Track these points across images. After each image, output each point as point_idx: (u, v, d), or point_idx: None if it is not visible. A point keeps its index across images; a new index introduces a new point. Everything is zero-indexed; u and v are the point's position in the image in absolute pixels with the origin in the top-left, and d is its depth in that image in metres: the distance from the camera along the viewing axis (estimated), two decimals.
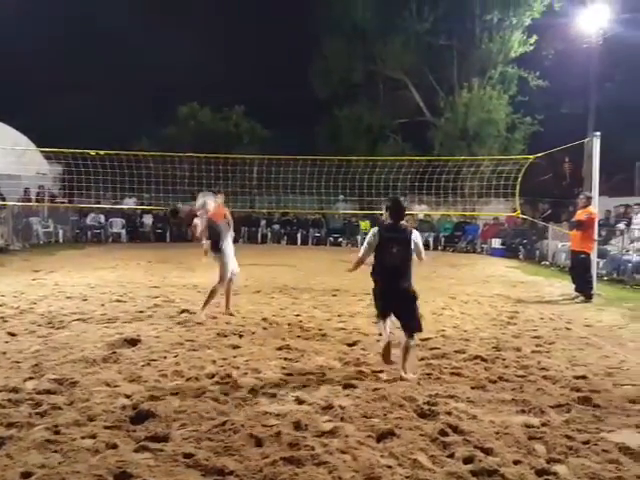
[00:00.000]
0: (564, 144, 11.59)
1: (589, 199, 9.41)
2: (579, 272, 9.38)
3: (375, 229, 5.19)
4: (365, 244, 5.20)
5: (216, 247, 7.17)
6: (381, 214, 5.63)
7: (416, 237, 5.08)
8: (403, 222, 5.13)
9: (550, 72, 22.76)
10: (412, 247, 5.01)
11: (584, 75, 21.29)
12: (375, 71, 25.42)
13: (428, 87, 24.66)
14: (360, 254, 5.21)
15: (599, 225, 10.82)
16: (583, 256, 9.28)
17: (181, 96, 25.98)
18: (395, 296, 5.02)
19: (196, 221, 7.49)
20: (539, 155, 12.50)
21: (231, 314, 7.25)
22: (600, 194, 10.22)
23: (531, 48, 22.60)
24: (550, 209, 18.90)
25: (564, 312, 8.14)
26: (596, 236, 9.64)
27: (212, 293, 7.07)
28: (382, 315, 5.08)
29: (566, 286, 10.14)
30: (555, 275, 12.73)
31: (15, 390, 4.16)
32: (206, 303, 7.01)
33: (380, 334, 5.20)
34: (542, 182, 24.83)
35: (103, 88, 25.63)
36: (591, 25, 20.12)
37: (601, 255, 11.73)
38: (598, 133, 9.98)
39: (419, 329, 5.05)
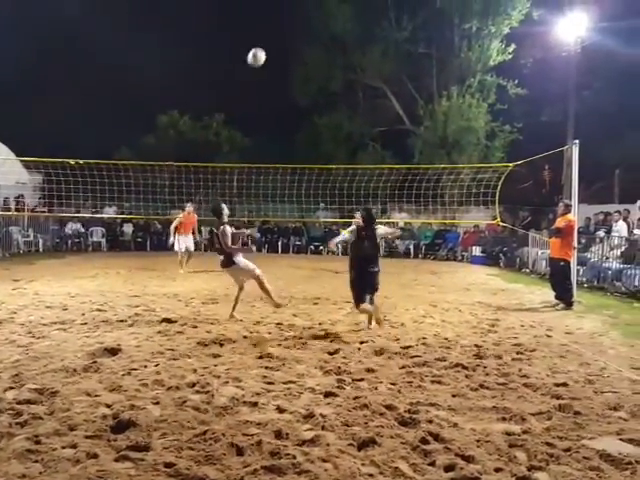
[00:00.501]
0: (543, 152, 11.72)
1: (568, 206, 9.54)
2: (558, 279, 9.49)
3: (354, 227, 7.13)
4: (346, 233, 7.29)
5: (231, 261, 7.34)
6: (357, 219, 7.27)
7: (379, 228, 7.21)
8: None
9: (529, 80, 23.07)
10: (378, 240, 7.16)
11: (563, 83, 21.65)
12: (354, 79, 25.58)
13: (407, 95, 24.86)
14: (341, 237, 7.47)
15: (579, 233, 10.96)
16: (562, 263, 9.39)
17: (160, 105, 25.86)
18: (369, 277, 6.91)
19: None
20: (518, 163, 12.67)
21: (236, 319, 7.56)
22: (580, 201, 10.35)
23: (510, 57, 22.86)
24: (530, 216, 19.11)
25: (545, 319, 8.22)
26: (575, 243, 9.75)
27: (264, 289, 7.47)
28: (362, 300, 6.86)
29: (546, 294, 10.22)
30: (535, 283, 12.86)
31: None
32: (270, 296, 7.57)
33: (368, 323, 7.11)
34: (522, 190, 25.15)
35: (82, 97, 25.39)
36: (569, 34, 20.49)
37: (581, 262, 11.87)
38: (577, 141, 10.12)
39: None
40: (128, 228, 21.02)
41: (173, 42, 26.71)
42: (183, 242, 13.10)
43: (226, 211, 7.54)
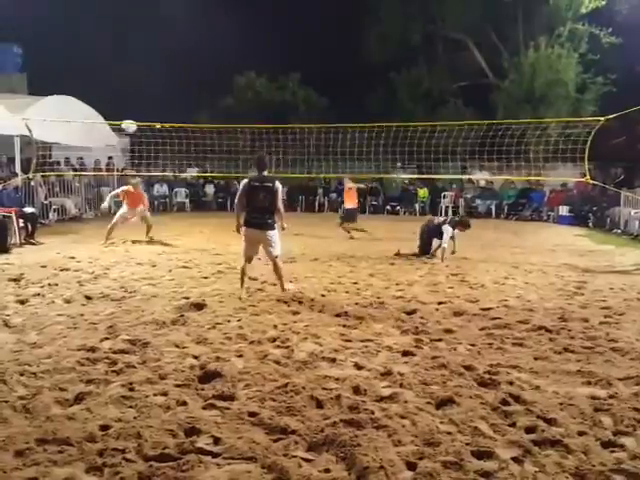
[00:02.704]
0: (639, 104, 10.90)
1: None
2: None
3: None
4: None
5: (272, 224, 6.53)
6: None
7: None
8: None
9: (624, 28, 21.06)
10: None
11: None
12: (434, 32, 24.51)
13: (491, 47, 23.57)
14: None
15: None
16: None
17: (238, 66, 26.08)
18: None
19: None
20: (611, 117, 11.82)
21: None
22: None
23: (603, 3, 21.11)
24: (623, 174, 17.95)
25: (636, 282, 7.77)
26: None
27: (278, 272, 6.67)
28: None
29: (639, 255, 9.67)
30: (627, 244, 12.19)
31: (93, 350, 4.45)
32: (282, 281, 6.68)
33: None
34: (615, 145, 23.53)
35: (163, 63, 25.99)
36: None
37: None
38: None
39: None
40: (210, 189, 21.68)
41: (248, 2, 26.65)
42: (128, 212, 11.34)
43: None
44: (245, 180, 6.66)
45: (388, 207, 20.88)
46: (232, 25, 25.40)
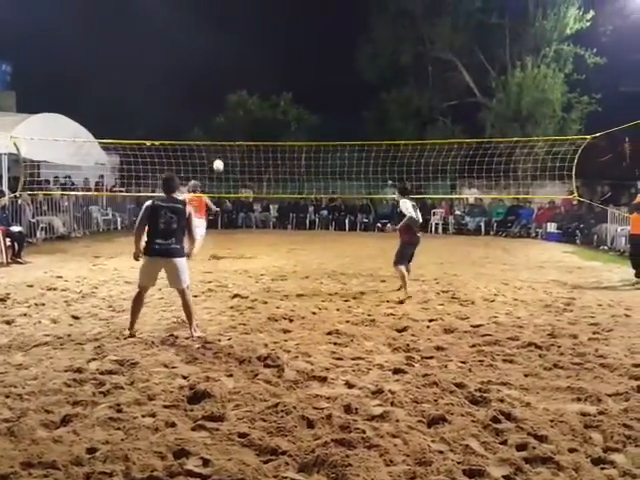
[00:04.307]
0: (623, 123, 11.12)
1: None
2: None
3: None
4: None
5: (182, 252, 5.64)
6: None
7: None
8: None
9: (608, 49, 21.61)
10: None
11: None
12: (423, 53, 24.93)
13: (479, 67, 23.99)
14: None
15: None
16: None
17: (230, 85, 26.26)
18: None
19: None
20: (596, 135, 12.03)
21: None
22: None
23: (587, 24, 21.55)
24: (610, 191, 18.19)
25: (623, 298, 7.84)
26: None
27: (188, 308, 5.53)
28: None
29: (626, 272, 9.75)
30: (614, 260, 12.27)
31: (80, 370, 4.37)
32: (190, 320, 5.54)
33: None
34: (601, 163, 23.88)
35: (155, 81, 26.10)
36: None
37: None
38: None
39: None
40: None
41: (240, 21, 26.92)
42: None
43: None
44: (149, 201, 5.63)
45: (379, 224, 20.93)
46: (225, 44, 25.63)
